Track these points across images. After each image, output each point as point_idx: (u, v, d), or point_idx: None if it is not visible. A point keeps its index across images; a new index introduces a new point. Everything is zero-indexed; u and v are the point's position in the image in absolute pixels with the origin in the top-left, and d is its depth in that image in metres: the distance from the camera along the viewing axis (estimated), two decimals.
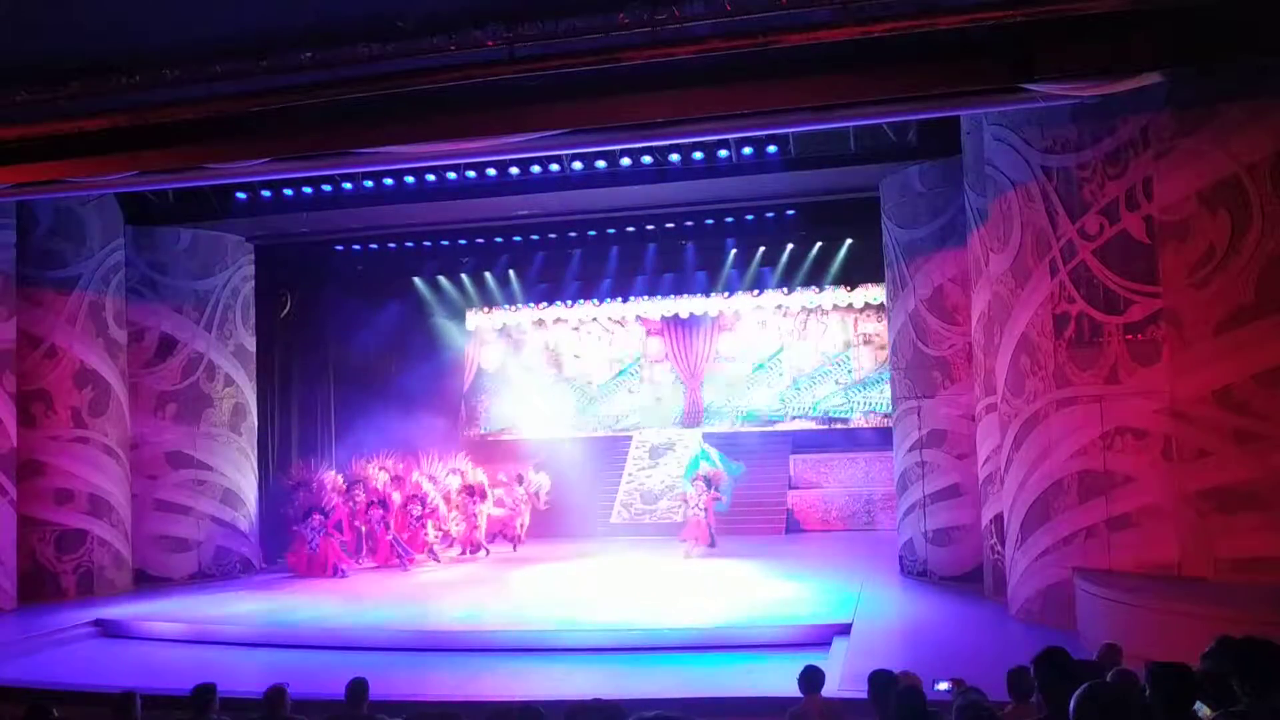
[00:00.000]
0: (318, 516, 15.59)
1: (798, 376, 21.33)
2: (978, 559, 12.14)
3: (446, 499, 16.92)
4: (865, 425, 20.69)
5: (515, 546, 17.43)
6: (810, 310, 21.17)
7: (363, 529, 16.20)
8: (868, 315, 20.80)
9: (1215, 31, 8.38)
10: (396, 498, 16.44)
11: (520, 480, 17.85)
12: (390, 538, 15.90)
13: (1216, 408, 8.94)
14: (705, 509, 16.05)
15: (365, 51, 8.99)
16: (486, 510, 17.12)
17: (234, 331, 15.94)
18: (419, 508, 16.32)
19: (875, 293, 18.94)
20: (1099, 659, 5.74)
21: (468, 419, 22.61)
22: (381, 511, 16.02)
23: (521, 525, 17.65)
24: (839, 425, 20.98)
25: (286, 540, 16.13)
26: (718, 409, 21.73)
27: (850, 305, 20.64)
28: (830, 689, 7.21)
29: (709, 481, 16.27)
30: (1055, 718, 3.81)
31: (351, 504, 16.40)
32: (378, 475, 16.87)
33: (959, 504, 12.62)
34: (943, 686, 5.31)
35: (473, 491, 17.07)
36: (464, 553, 16.90)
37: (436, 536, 16.50)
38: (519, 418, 22.49)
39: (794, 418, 21.23)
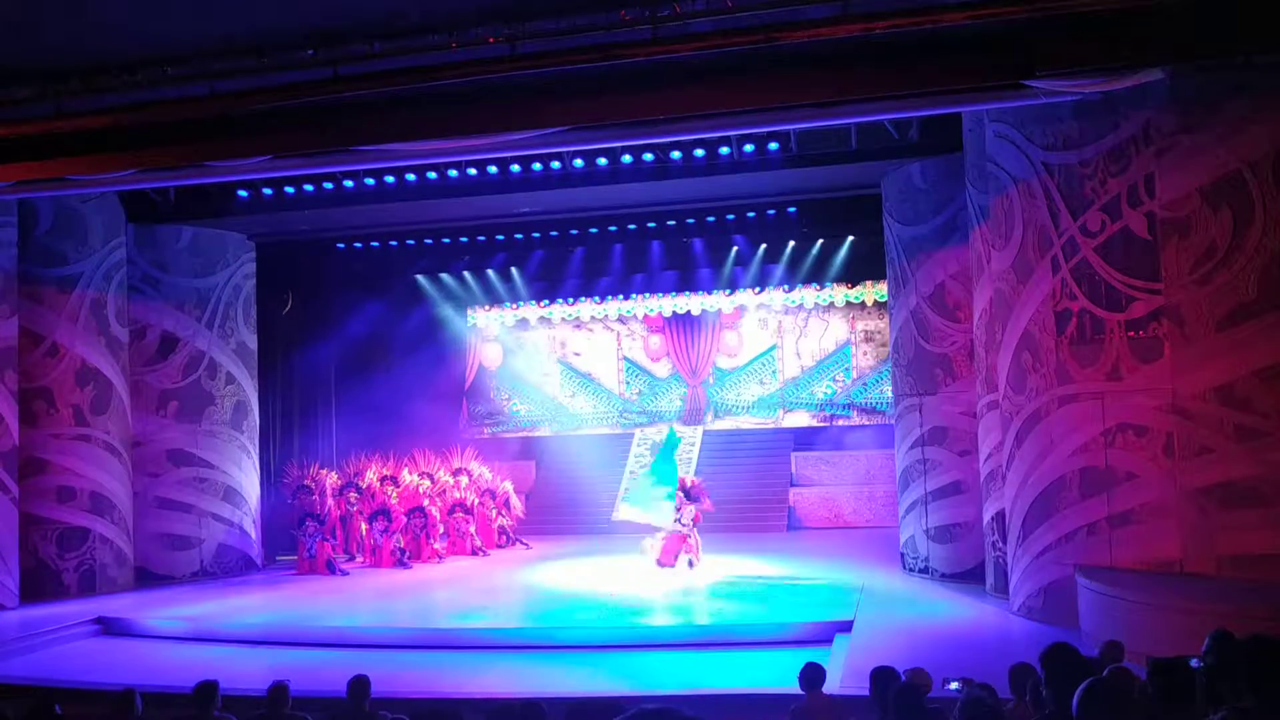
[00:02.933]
0: (312, 524, 15.61)
1: (864, 373, 21.25)
2: (979, 556, 12.14)
3: (443, 512, 16.88)
4: (868, 423, 20.68)
5: (504, 546, 17.56)
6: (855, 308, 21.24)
7: (372, 543, 16.16)
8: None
9: (1217, 28, 8.37)
10: (396, 500, 16.41)
11: (493, 496, 17.93)
12: (394, 547, 15.89)
13: (1218, 404, 8.94)
14: (693, 522, 13.99)
15: (366, 49, 8.99)
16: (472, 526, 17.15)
17: (235, 329, 15.92)
18: (421, 519, 16.33)
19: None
20: (1101, 656, 5.75)
21: (469, 416, 22.63)
22: (386, 523, 16.02)
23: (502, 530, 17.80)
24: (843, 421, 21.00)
25: (288, 539, 16.15)
26: (736, 404, 21.74)
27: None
28: (832, 686, 7.23)
29: (689, 494, 14.12)
30: (1059, 714, 3.80)
31: (346, 507, 16.38)
32: (376, 482, 16.86)
33: (960, 501, 12.61)
34: (953, 685, 5.31)
35: (462, 506, 17.09)
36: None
37: (442, 547, 16.54)
38: (520, 415, 22.53)
39: (855, 406, 21.19)
